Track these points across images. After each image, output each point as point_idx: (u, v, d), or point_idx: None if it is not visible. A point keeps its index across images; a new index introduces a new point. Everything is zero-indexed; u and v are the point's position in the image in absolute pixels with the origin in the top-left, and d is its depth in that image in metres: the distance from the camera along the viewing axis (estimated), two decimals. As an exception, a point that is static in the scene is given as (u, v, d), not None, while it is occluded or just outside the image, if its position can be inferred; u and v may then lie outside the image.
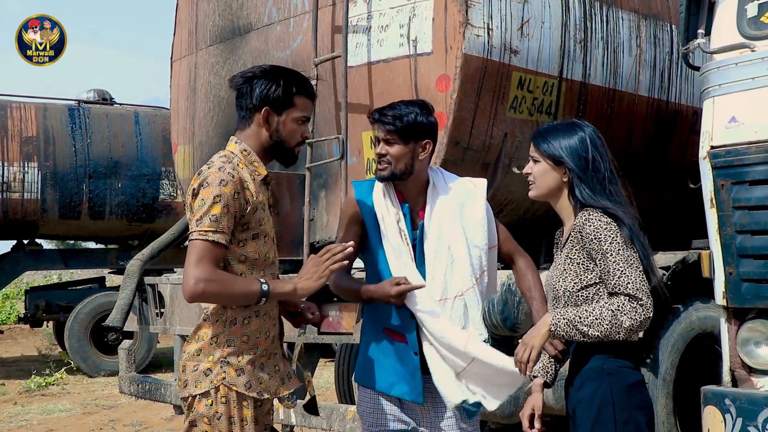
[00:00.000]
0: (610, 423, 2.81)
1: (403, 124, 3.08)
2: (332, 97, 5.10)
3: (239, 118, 2.97)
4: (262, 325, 2.91)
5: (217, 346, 2.84)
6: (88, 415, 9.06)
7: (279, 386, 2.96)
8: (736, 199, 3.65)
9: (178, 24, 6.50)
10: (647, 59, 5.56)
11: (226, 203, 2.75)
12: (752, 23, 3.77)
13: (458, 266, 3.11)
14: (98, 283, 14.06)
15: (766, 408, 3.48)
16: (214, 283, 2.73)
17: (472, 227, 3.17)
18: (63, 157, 11.88)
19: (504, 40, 4.65)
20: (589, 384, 2.87)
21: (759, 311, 3.67)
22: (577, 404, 2.91)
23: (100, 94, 12.91)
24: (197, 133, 6.20)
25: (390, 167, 3.12)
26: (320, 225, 5.24)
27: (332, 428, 4.51)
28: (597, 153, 2.94)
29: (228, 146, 2.97)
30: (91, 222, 12.24)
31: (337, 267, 2.93)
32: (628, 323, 2.75)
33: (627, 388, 2.86)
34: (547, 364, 3.17)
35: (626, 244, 2.81)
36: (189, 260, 2.73)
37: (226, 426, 2.82)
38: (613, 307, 2.76)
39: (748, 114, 3.66)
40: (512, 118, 4.83)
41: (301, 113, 2.97)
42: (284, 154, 3.01)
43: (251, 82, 2.92)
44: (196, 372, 2.84)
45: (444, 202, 3.18)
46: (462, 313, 3.10)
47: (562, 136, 2.97)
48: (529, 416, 3.13)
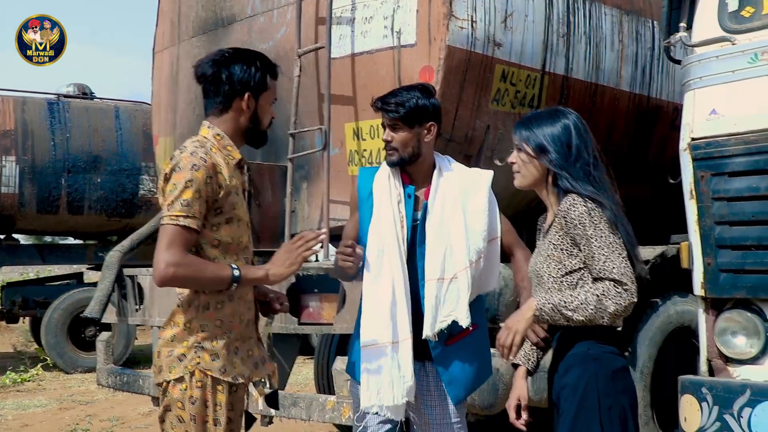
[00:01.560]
0: (594, 408, 2.81)
1: (406, 110, 3.15)
2: (315, 89, 5.10)
3: (213, 103, 2.94)
4: (235, 309, 2.90)
5: (191, 332, 2.83)
6: (64, 411, 8.99)
7: (253, 371, 2.95)
8: (715, 190, 3.68)
9: (160, 15, 6.48)
10: (629, 55, 5.61)
11: (198, 188, 2.74)
12: (733, 17, 3.81)
13: (456, 248, 3.14)
14: (76, 279, 13.95)
15: (741, 396, 3.51)
16: (184, 267, 2.72)
17: (473, 214, 3.20)
18: (42, 151, 11.78)
19: (488, 32, 4.68)
20: (574, 369, 2.87)
21: (736, 301, 3.70)
22: (561, 390, 2.90)
23: (80, 89, 12.81)
24: (179, 125, 6.18)
25: (397, 153, 3.19)
26: (302, 216, 5.24)
27: (312, 418, 4.51)
28: (580, 140, 2.95)
29: (200, 131, 2.95)
30: (69, 217, 12.14)
31: (310, 254, 2.94)
32: (613, 308, 2.76)
33: (612, 373, 2.86)
34: (530, 351, 3.17)
35: (610, 230, 2.82)
36: (160, 244, 2.73)
37: (200, 410, 2.80)
38: (598, 291, 2.77)
39: (729, 106, 3.69)
40: (495, 111, 4.86)
41: (273, 95, 3.01)
42: (259, 137, 3.03)
43: (227, 67, 2.90)
44: (170, 357, 2.83)
45: (448, 186, 3.22)
46: (456, 294, 3.13)
47: (545, 124, 2.97)
48: (515, 407, 3.14)
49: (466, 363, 3.22)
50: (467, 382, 3.25)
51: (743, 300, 3.68)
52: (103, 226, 12.60)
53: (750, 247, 3.60)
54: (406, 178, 3.26)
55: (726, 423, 3.52)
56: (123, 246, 6.01)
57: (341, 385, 4.25)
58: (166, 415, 2.85)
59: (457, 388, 3.21)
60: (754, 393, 3.49)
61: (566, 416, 2.86)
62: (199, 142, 2.87)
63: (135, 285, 5.76)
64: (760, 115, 3.58)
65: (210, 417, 2.82)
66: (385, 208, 3.18)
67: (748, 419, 3.48)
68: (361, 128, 4.86)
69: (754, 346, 3.64)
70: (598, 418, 2.80)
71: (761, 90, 3.58)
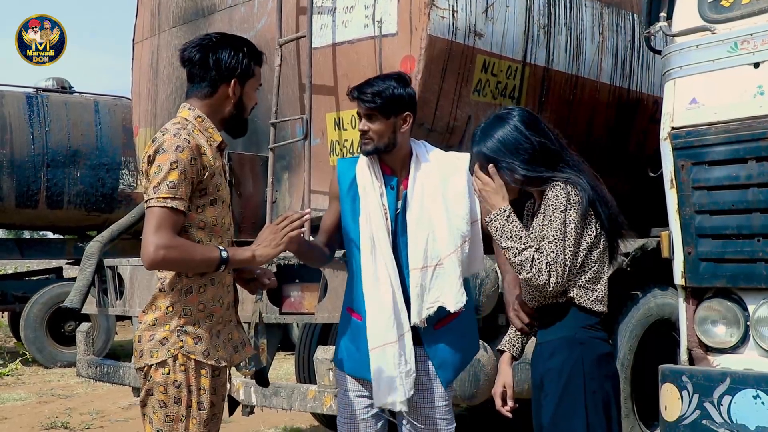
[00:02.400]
0: (579, 392, 2.83)
1: (382, 100, 3.13)
2: (296, 79, 5.08)
3: (198, 87, 2.92)
4: (216, 292, 2.89)
5: (173, 315, 2.81)
6: (44, 404, 8.94)
7: (233, 354, 2.95)
8: (695, 179, 3.70)
9: (140, 5, 6.44)
10: (609, 47, 5.62)
11: (184, 169, 2.72)
12: (713, 7, 3.83)
13: (439, 235, 3.15)
14: (55, 274, 13.86)
15: (721, 384, 3.53)
16: (174, 249, 2.70)
17: (454, 198, 3.20)
18: (20, 145, 11.67)
19: (469, 22, 4.67)
20: (560, 353, 2.89)
21: (716, 290, 3.72)
22: (546, 372, 2.92)
23: (59, 83, 12.69)
24: (159, 115, 6.14)
25: (373, 142, 3.18)
26: (283, 207, 5.22)
27: (293, 408, 4.49)
28: (535, 135, 2.94)
29: (180, 113, 2.93)
30: (48, 211, 12.03)
31: (296, 234, 2.94)
32: (525, 276, 2.81)
33: (597, 358, 2.88)
34: (514, 337, 3.18)
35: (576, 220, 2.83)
36: (147, 227, 2.69)
37: (184, 394, 2.80)
38: (534, 255, 2.79)
39: (709, 95, 3.71)
40: (476, 101, 4.85)
41: (258, 82, 3.00)
42: (240, 124, 3.02)
43: (214, 52, 2.88)
44: (152, 342, 2.81)
45: (427, 173, 3.23)
46: (440, 281, 3.14)
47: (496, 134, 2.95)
48: (501, 393, 3.14)
49: (456, 345, 3.24)
50: (456, 363, 3.27)
51: (723, 289, 3.70)
52: (83, 220, 12.52)
53: (730, 236, 3.63)
54: (387, 169, 3.26)
55: (706, 411, 3.54)
56: (103, 237, 5.97)
57: (323, 375, 4.24)
58: (148, 399, 2.84)
59: (447, 370, 3.23)
60: (733, 381, 3.52)
61: (550, 399, 2.87)
62: (181, 123, 2.85)
63: (115, 275, 5.73)
64: (740, 103, 3.60)
65: (194, 401, 2.81)
66: (371, 202, 3.19)
67: (728, 407, 3.50)
68: (342, 118, 4.84)
69: (734, 335, 3.66)
70: (583, 401, 2.82)
71: (741, 79, 3.60)
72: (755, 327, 3.59)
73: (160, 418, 2.82)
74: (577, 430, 2.82)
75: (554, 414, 2.85)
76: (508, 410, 3.14)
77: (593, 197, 2.87)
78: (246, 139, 5.41)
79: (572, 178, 2.87)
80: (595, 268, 2.92)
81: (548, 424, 2.89)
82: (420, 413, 3.22)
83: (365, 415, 3.26)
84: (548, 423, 2.89)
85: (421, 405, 3.22)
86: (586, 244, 2.88)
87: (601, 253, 2.94)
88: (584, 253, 2.88)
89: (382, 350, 3.11)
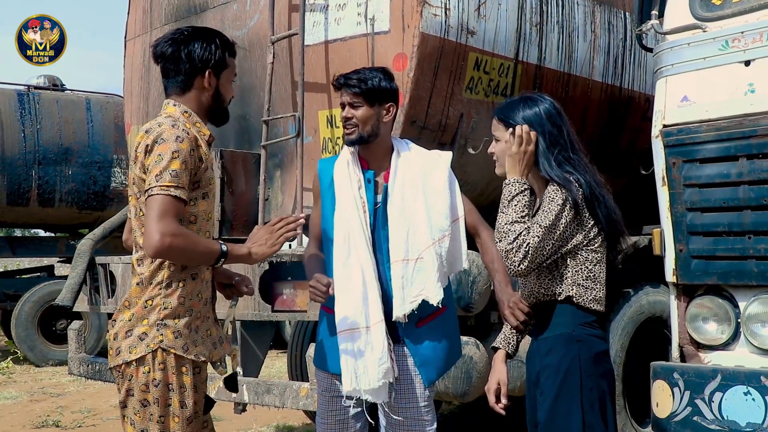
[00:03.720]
0: (576, 389, 2.83)
1: (367, 87, 3.17)
2: (289, 76, 5.08)
3: (174, 82, 2.93)
4: (196, 287, 2.87)
5: (152, 310, 2.78)
6: (35, 403, 8.91)
7: (212, 350, 2.92)
8: (687, 177, 3.72)
9: (132, 3, 6.42)
10: (601, 45, 5.63)
11: (184, 159, 2.72)
12: (704, 5, 3.84)
13: (419, 229, 3.15)
14: (47, 272, 13.82)
15: (713, 381, 3.55)
16: (180, 237, 2.66)
17: (433, 194, 3.20)
18: (11, 142, 11.62)
19: (461, 20, 4.67)
20: (557, 350, 2.89)
21: (708, 288, 3.73)
22: (542, 369, 2.92)
23: (50, 80, 12.64)
24: (151, 113, 6.12)
25: (357, 130, 3.20)
26: (275, 204, 5.22)
27: (285, 405, 4.49)
28: (556, 125, 2.97)
29: (166, 109, 2.93)
30: (40, 209, 11.99)
31: (291, 236, 2.96)
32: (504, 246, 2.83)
33: (594, 355, 2.89)
34: (509, 335, 3.19)
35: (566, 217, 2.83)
36: (151, 215, 2.65)
37: (165, 393, 2.77)
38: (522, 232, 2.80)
39: (700, 93, 3.73)
40: (468, 99, 4.86)
41: (233, 72, 3.02)
42: (221, 114, 3.03)
43: (186, 45, 2.89)
44: (130, 338, 2.78)
45: (407, 168, 3.23)
46: (422, 275, 3.13)
47: (521, 110, 2.99)
48: (495, 390, 3.14)
49: (438, 344, 3.22)
50: (439, 363, 3.24)
51: (714, 286, 3.71)
52: (75, 218, 12.48)
53: (721, 233, 3.64)
54: (365, 163, 3.27)
55: (697, 408, 3.55)
56: (95, 234, 5.96)
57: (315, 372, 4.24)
58: (129, 400, 2.80)
59: (430, 370, 3.20)
60: (725, 378, 3.53)
61: (547, 396, 2.88)
62: (172, 118, 2.85)
63: (107, 273, 5.72)
64: (731, 101, 3.61)
65: (176, 399, 2.78)
66: (346, 195, 3.19)
67: (719, 404, 3.52)
68: (334, 116, 4.84)
69: (725, 332, 3.68)
70: (579, 399, 2.82)
71: (732, 77, 3.62)
72: (746, 324, 3.61)
73: (143, 418, 2.78)
74: (574, 427, 2.83)
75: (551, 411, 2.86)
76: (501, 407, 3.14)
77: (590, 197, 2.87)
78: (238, 136, 5.43)
79: (572, 177, 2.88)
80: (594, 268, 2.93)
81: (545, 420, 2.89)
82: (399, 413, 3.19)
83: (343, 415, 3.25)
84: (545, 420, 2.89)
85: (400, 405, 3.19)
86: (578, 242, 2.89)
87: (600, 253, 2.94)
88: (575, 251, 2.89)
89: (350, 335, 3.09)
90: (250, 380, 4.77)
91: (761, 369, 3.50)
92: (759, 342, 3.58)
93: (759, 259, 3.53)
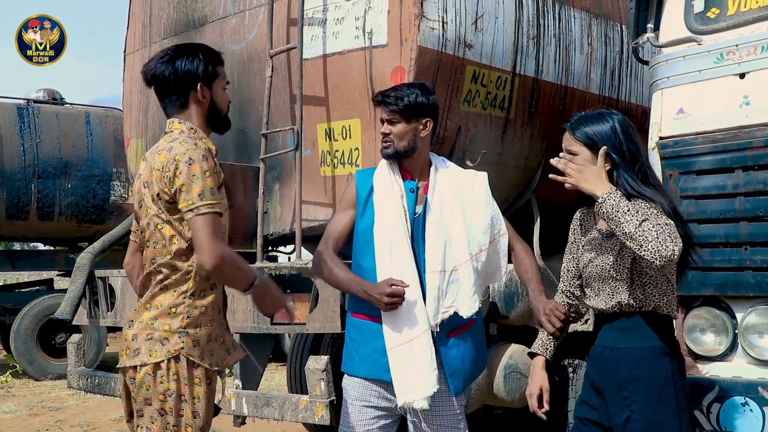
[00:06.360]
0: (672, 401, 2.87)
1: (404, 103, 3.26)
2: (287, 90, 5.10)
3: (171, 101, 2.99)
4: (215, 297, 2.94)
5: (176, 316, 2.84)
6: (34, 417, 8.89)
7: (226, 356, 2.98)
8: (683, 188, 3.74)
9: (131, 17, 6.45)
10: (598, 58, 5.66)
11: (214, 176, 2.81)
12: (699, 18, 3.88)
13: (456, 241, 3.22)
14: (46, 286, 13.80)
15: (710, 392, 3.57)
16: (234, 256, 2.80)
17: (472, 209, 3.28)
18: (11, 156, 11.63)
19: (458, 33, 4.70)
20: (649, 362, 2.90)
21: (705, 299, 3.75)
22: (631, 379, 2.91)
23: (50, 94, 12.66)
24: (150, 127, 6.15)
25: (393, 145, 3.29)
26: (274, 217, 5.23)
27: (285, 418, 4.49)
28: (632, 142, 2.95)
29: (172, 127, 2.98)
30: (39, 223, 11.99)
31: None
32: (650, 247, 2.69)
33: (682, 368, 2.97)
34: (546, 341, 3.23)
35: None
36: (204, 233, 2.73)
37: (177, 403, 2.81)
38: (656, 225, 2.72)
39: (695, 105, 3.76)
40: (466, 112, 4.88)
41: (224, 80, 3.08)
42: (222, 122, 3.10)
43: (172, 64, 2.95)
44: (150, 340, 2.82)
45: (446, 182, 3.32)
46: (457, 286, 3.21)
47: (595, 125, 2.97)
48: (538, 396, 3.17)
49: (466, 355, 3.29)
50: (466, 374, 3.31)
51: (712, 297, 3.74)
52: (74, 232, 12.47)
53: (718, 244, 3.66)
54: (407, 174, 3.34)
55: (695, 419, 3.56)
56: (94, 248, 5.97)
57: (314, 385, 4.25)
58: (146, 409, 2.83)
59: (458, 380, 3.26)
60: (722, 389, 3.55)
61: (642, 407, 2.88)
62: (186, 134, 2.91)
63: (106, 287, 5.72)
64: (726, 113, 3.65)
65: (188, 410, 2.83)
66: (389, 203, 3.26)
67: (717, 415, 3.53)
68: (333, 129, 4.87)
69: (723, 343, 3.70)
70: (676, 411, 2.87)
71: (727, 89, 3.65)
72: (743, 335, 3.62)
73: (161, 427, 2.82)
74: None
75: (648, 422, 2.86)
76: (543, 412, 3.18)
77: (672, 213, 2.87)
78: (237, 149, 5.45)
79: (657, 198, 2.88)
80: (672, 279, 2.97)
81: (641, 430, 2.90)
82: (430, 422, 3.25)
83: (370, 426, 3.28)
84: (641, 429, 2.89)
85: (432, 414, 3.24)
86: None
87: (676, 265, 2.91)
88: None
89: (408, 346, 3.14)
90: (250, 393, 4.77)
91: (759, 380, 3.52)
92: (756, 353, 3.60)
93: (756, 270, 3.56)
